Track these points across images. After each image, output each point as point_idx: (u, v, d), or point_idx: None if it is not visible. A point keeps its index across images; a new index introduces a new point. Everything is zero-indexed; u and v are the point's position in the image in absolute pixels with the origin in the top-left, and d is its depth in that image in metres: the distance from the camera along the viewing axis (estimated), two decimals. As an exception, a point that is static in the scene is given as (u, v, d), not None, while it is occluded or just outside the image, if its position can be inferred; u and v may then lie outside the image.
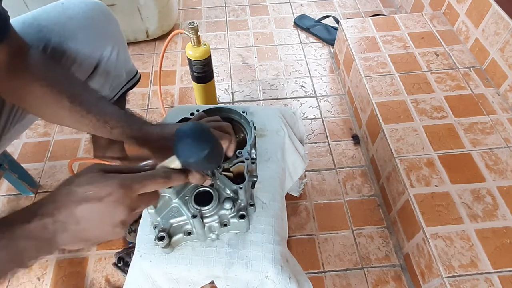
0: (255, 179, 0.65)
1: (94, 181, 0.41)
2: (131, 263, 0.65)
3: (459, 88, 1.11)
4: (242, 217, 0.59)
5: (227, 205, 0.58)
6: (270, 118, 0.81)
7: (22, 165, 1.07)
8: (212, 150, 0.46)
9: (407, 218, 0.91)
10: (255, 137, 0.67)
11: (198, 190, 0.61)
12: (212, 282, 0.65)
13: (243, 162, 0.62)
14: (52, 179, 1.14)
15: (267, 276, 0.60)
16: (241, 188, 0.59)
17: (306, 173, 1.12)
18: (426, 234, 0.83)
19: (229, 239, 0.62)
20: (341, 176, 1.12)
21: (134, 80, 0.88)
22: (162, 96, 1.35)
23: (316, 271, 0.94)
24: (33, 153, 1.20)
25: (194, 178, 0.50)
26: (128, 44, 1.56)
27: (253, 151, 0.67)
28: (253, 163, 0.65)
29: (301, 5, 1.74)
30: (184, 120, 0.69)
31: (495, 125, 1.01)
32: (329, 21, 1.61)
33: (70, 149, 1.21)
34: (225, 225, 0.60)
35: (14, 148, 1.21)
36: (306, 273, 0.74)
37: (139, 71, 0.90)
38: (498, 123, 1.01)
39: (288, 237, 0.80)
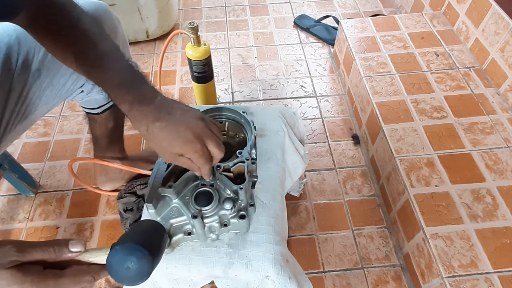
0: (255, 179, 0.65)
1: (11, 281, 0.38)
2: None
3: (459, 88, 1.11)
4: (242, 217, 0.59)
5: (227, 205, 0.58)
6: (270, 118, 0.81)
7: (22, 165, 1.07)
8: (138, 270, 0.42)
9: (407, 218, 0.91)
10: (255, 137, 0.67)
11: (198, 190, 0.61)
12: (212, 282, 0.65)
13: (243, 162, 0.62)
14: (52, 179, 1.14)
15: (267, 276, 0.60)
16: (241, 188, 0.59)
17: (306, 173, 1.13)
18: (426, 234, 0.83)
19: (229, 239, 0.62)
20: (341, 176, 1.12)
21: None
22: (162, 96, 1.35)
23: (316, 271, 0.94)
24: (33, 153, 1.20)
25: None
26: (128, 44, 1.56)
27: (253, 151, 0.67)
28: (253, 163, 0.65)
29: (301, 5, 1.74)
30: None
31: (495, 125, 1.01)
32: (329, 21, 1.61)
33: (70, 149, 1.21)
34: (225, 225, 0.60)
35: (14, 148, 1.21)
36: (306, 273, 0.74)
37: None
38: (498, 123, 1.01)
39: (288, 237, 0.80)
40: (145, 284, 0.65)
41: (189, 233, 0.60)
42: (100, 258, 0.44)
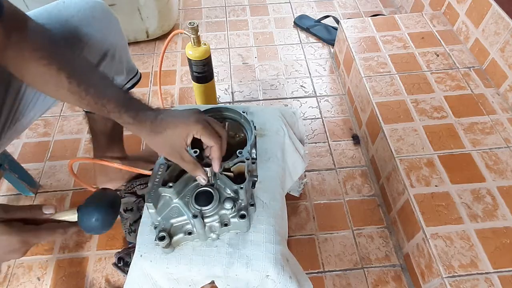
0: (256, 179, 0.65)
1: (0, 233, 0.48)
2: (131, 263, 0.65)
3: (459, 88, 1.11)
4: (242, 217, 0.59)
5: (228, 205, 0.58)
6: (270, 118, 0.81)
7: (22, 165, 1.07)
8: (103, 219, 0.53)
9: (407, 218, 0.91)
10: (255, 137, 0.67)
11: (198, 190, 0.61)
12: (213, 282, 0.65)
13: (243, 162, 0.62)
14: (52, 179, 1.14)
15: (268, 275, 0.60)
16: (241, 188, 0.59)
17: (306, 173, 1.13)
18: (426, 234, 0.83)
19: (230, 239, 0.62)
20: (341, 176, 1.12)
21: (135, 79, 0.88)
22: (162, 96, 1.36)
23: (316, 271, 0.94)
24: (33, 153, 1.20)
25: None
26: (128, 44, 1.55)
27: (254, 151, 0.67)
28: (253, 163, 0.65)
29: (301, 5, 1.74)
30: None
31: (495, 125, 1.01)
32: (329, 21, 1.61)
33: (70, 149, 1.21)
34: (226, 225, 0.60)
35: (14, 148, 1.21)
36: (306, 273, 0.74)
37: (139, 71, 0.90)
38: (498, 123, 1.01)
39: (288, 237, 0.80)
40: (145, 284, 0.65)
41: (190, 233, 0.60)
42: (69, 217, 0.54)
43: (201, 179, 0.60)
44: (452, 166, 0.93)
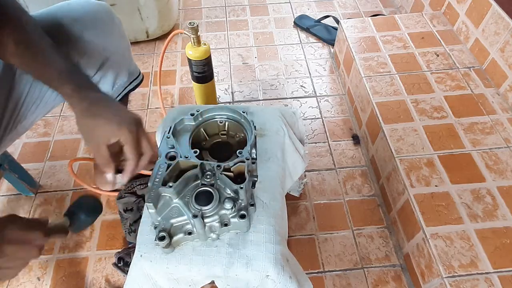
0: (256, 179, 0.65)
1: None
2: (131, 263, 0.65)
3: (459, 88, 1.11)
4: (242, 216, 0.59)
5: (228, 205, 0.58)
6: (270, 118, 0.81)
7: (22, 165, 1.07)
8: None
9: (407, 218, 0.91)
10: (255, 137, 0.67)
11: (198, 190, 0.61)
12: (213, 282, 0.65)
13: (243, 162, 0.62)
14: (52, 179, 1.14)
15: (268, 275, 0.60)
16: (241, 188, 0.59)
17: (306, 173, 1.13)
18: (426, 234, 0.83)
19: (230, 239, 0.62)
20: (341, 176, 1.12)
21: (137, 81, 0.88)
22: (162, 96, 1.36)
23: (316, 271, 0.94)
24: (33, 153, 1.20)
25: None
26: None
27: (254, 151, 0.67)
28: (253, 163, 0.65)
29: (301, 5, 1.74)
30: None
31: (495, 125, 1.01)
32: (329, 21, 1.61)
33: (70, 149, 1.21)
34: (226, 225, 0.60)
35: (14, 148, 1.21)
36: (306, 273, 0.74)
37: (141, 72, 0.90)
38: (498, 123, 1.01)
39: (288, 237, 0.80)
40: (145, 284, 0.65)
41: (190, 233, 0.60)
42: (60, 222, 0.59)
43: (107, 176, 0.59)
44: (452, 166, 0.93)
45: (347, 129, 1.25)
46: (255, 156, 0.67)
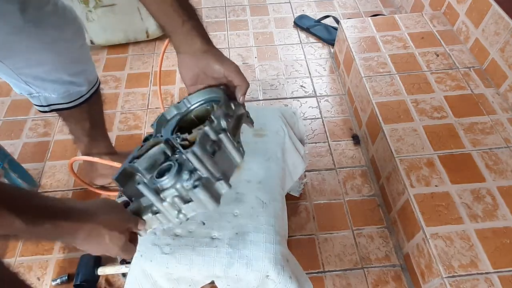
0: (223, 146, 0.55)
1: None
2: (131, 263, 0.65)
3: (459, 88, 1.11)
4: (195, 187, 0.50)
5: (185, 176, 0.51)
6: (270, 118, 0.81)
7: (22, 165, 1.07)
8: None
9: (407, 218, 0.91)
10: (226, 106, 0.58)
11: (162, 166, 0.54)
12: (213, 282, 0.65)
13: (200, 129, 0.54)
14: (52, 179, 1.14)
15: (268, 276, 0.61)
16: (188, 152, 0.50)
17: (306, 173, 1.13)
18: (426, 234, 0.83)
19: (229, 239, 0.62)
20: (341, 176, 1.12)
21: (94, 88, 0.90)
22: (162, 96, 1.35)
23: (316, 271, 0.94)
24: (33, 153, 1.20)
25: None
26: (128, 44, 1.56)
27: (223, 121, 0.57)
28: (219, 132, 0.55)
29: (301, 5, 1.74)
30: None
31: (495, 125, 1.01)
32: (329, 21, 1.61)
33: (70, 149, 1.21)
34: (189, 202, 0.53)
35: (14, 148, 1.21)
36: (306, 273, 0.74)
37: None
38: (498, 123, 1.01)
39: (288, 237, 0.80)
40: (145, 284, 0.65)
41: (157, 212, 0.55)
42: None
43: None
44: (452, 166, 0.93)
45: (347, 129, 1.25)
46: (224, 127, 0.57)
